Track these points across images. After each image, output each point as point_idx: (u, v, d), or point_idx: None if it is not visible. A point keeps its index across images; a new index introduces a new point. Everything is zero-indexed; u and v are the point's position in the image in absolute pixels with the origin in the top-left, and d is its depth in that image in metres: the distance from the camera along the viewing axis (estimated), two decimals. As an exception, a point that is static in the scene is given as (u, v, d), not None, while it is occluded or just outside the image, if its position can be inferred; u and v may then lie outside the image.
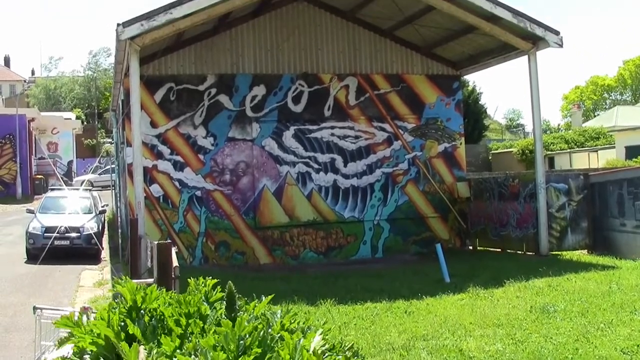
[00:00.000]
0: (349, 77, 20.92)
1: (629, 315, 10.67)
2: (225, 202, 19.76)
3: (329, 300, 12.51)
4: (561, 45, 18.36)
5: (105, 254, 21.15)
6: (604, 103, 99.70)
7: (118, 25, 15.47)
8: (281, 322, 3.89)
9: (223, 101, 19.86)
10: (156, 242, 10.07)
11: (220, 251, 19.67)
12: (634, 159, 37.91)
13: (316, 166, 20.54)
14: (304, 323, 4.04)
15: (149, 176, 19.01)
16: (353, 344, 3.96)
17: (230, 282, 4.59)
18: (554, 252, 18.57)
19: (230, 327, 3.35)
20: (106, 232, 24.91)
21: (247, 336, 3.40)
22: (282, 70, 20.40)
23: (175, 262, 9.18)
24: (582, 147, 48.02)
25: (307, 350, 3.19)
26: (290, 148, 20.34)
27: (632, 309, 11.09)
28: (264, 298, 4.31)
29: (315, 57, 20.74)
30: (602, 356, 8.42)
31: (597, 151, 45.03)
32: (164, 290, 4.39)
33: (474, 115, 46.32)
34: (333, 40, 20.94)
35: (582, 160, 44.29)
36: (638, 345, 8.81)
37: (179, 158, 19.49)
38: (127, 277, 4.44)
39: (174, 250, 9.63)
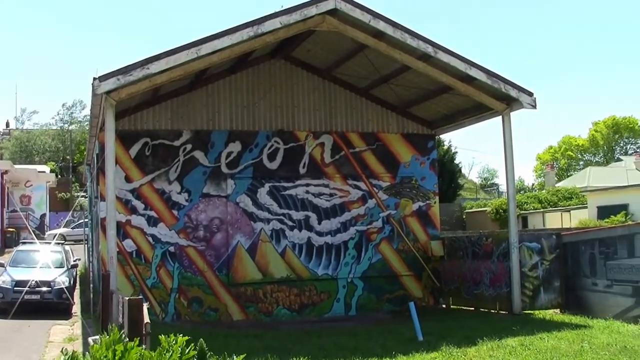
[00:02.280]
0: (325, 135, 21.07)
1: (601, 375, 10.68)
2: (198, 258, 19.67)
3: (301, 358, 12.41)
4: (534, 106, 18.64)
5: (76, 308, 20.88)
6: (576, 164, 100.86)
7: (94, 79, 15.49)
8: (253, 381, 3.89)
9: (198, 157, 19.91)
10: (127, 298, 9.98)
11: (193, 307, 19.52)
12: (605, 219, 38.25)
13: (290, 223, 20.55)
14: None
15: (122, 231, 18.92)
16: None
17: (201, 340, 4.58)
18: (526, 311, 18.60)
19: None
20: (78, 286, 24.62)
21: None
22: (258, 127, 20.52)
23: (146, 318, 9.10)
24: (555, 206, 48.45)
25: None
26: (264, 205, 20.35)
27: (604, 369, 11.11)
28: (235, 358, 4.31)
29: (291, 115, 20.90)
30: (575, 417, 8.41)
31: (569, 211, 45.44)
32: (137, 346, 4.38)
33: (448, 174, 46.71)
34: (309, 98, 21.14)
35: (555, 220, 44.66)
36: (610, 406, 8.81)
37: (152, 213, 19.43)
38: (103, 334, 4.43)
39: (145, 305, 9.55)
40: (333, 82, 21.43)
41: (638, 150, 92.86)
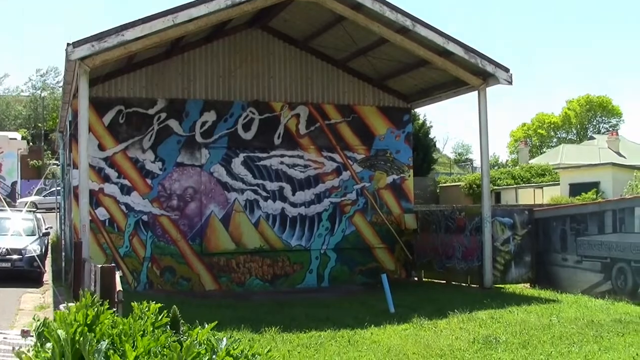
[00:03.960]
0: (300, 106, 21.02)
1: (567, 347, 10.87)
2: (172, 227, 19.62)
3: (273, 328, 12.46)
4: (510, 82, 18.71)
5: (47, 277, 20.80)
6: (549, 141, 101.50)
7: (68, 45, 15.31)
8: (226, 348, 3.89)
9: (173, 126, 19.78)
10: (100, 266, 9.96)
11: (166, 277, 19.49)
12: (577, 196, 38.59)
13: (264, 194, 20.53)
14: (248, 350, 4.05)
15: (95, 199, 18.81)
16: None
17: (174, 307, 4.58)
18: (497, 285, 18.78)
19: (178, 351, 3.34)
20: (49, 255, 24.51)
21: (192, 361, 3.40)
22: (234, 97, 20.42)
23: (118, 286, 9.09)
24: (528, 183, 48.78)
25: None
26: (239, 175, 20.30)
27: (571, 341, 11.31)
28: (207, 326, 4.30)
29: (267, 85, 20.80)
30: (542, 389, 8.54)
31: (542, 187, 45.79)
32: (110, 313, 4.37)
33: (423, 148, 46.81)
34: (285, 69, 21.04)
35: (527, 196, 44.98)
36: (576, 379, 8.96)
37: (126, 182, 19.33)
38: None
39: (117, 274, 9.54)
40: (310, 53, 21.34)
41: (611, 129, 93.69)
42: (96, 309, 4.14)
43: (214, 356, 3.66)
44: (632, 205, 16.32)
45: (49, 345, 3.68)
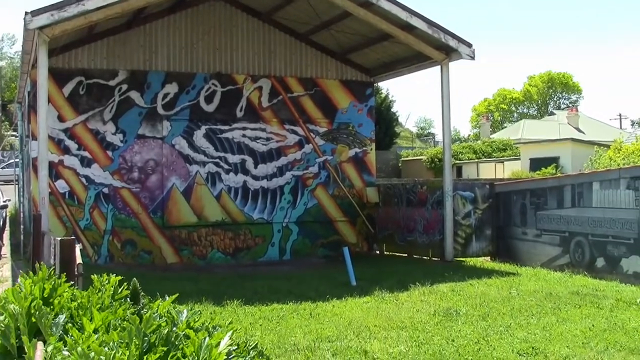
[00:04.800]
0: (263, 79, 20.92)
1: (526, 319, 11.03)
2: (133, 200, 19.48)
3: (235, 301, 12.47)
4: (473, 58, 18.78)
5: (6, 250, 20.57)
6: (511, 116, 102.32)
7: (26, 13, 15.04)
8: (187, 320, 3.88)
9: (134, 98, 19.58)
10: (59, 238, 9.86)
11: (127, 250, 19.38)
12: (537, 171, 39.02)
13: (226, 167, 20.45)
14: (209, 323, 4.04)
15: (55, 171, 18.59)
16: (257, 344, 3.97)
17: (134, 279, 4.55)
18: (458, 258, 18.95)
19: (137, 324, 3.32)
20: (7, 228, 24.23)
21: (152, 334, 3.38)
22: (196, 69, 20.25)
23: (79, 259, 9.00)
24: (490, 157, 49.21)
25: (216, 349, 3.18)
26: (200, 148, 20.19)
27: (530, 313, 11.47)
28: (168, 298, 4.29)
29: (229, 58, 20.65)
30: (500, 358, 8.67)
31: (503, 162, 46.23)
32: (68, 286, 4.32)
33: (385, 122, 46.88)
34: (248, 42, 20.90)
35: (488, 170, 45.39)
36: (533, 348, 9.12)
37: (86, 154, 19.12)
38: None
39: (77, 247, 9.44)
40: (273, 26, 21.20)
41: (571, 105, 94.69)
42: (53, 282, 4.10)
43: (174, 328, 3.64)
44: (590, 180, 16.52)
45: (1, 318, 3.64)
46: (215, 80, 20.37)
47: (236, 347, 3.64)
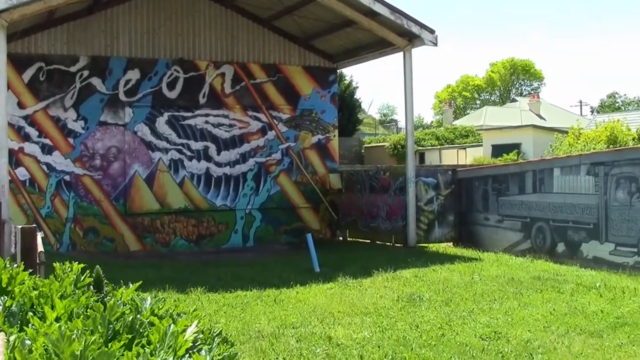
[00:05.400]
0: (226, 65, 20.81)
1: (488, 304, 11.14)
2: (95, 187, 19.31)
3: (199, 288, 12.44)
4: (435, 44, 18.84)
5: (-35, 237, 20.29)
6: (473, 103, 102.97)
7: (-16, -2, 14.83)
8: (151, 308, 3.86)
9: (95, 84, 19.38)
10: (20, 227, 9.74)
11: (89, 237, 19.23)
12: (499, 157, 39.35)
13: (189, 153, 20.35)
14: (173, 310, 4.02)
15: (15, 159, 18.36)
16: (222, 330, 3.97)
17: (97, 267, 4.51)
18: (421, 244, 19.06)
19: (101, 311, 3.29)
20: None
21: (116, 321, 3.36)
22: (158, 55, 20.09)
23: (40, 247, 8.90)
24: (452, 144, 49.50)
25: (182, 336, 3.17)
26: (163, 134, 20.05)
27: (492, 298, 11.58)
28: (132, 285, 4.26)
29: (192, 43, 20.51)
30: (463, 342, 8.75)
31: (465, 148, 46.52)
32: (29, 274, 4.28)
33: (348, 108, 46.89)
34: (210, 27, 20.76)
35: (451, 157, 45.67)
36: (495, 332, 9.22)
37: (47, 141, 18.90)
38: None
39: (39, 234, 9.34)
40: (235, 11, 21.08)
41: (532, 91, 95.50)
42: (11, 270, 4.05)
43: (138, 316, 3.62)
44: (551, 166, 16.70)
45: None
46: (178, 67, 20.23)
47: (201, 334, 3.63)
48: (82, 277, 4.35)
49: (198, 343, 3.42)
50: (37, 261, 8.54)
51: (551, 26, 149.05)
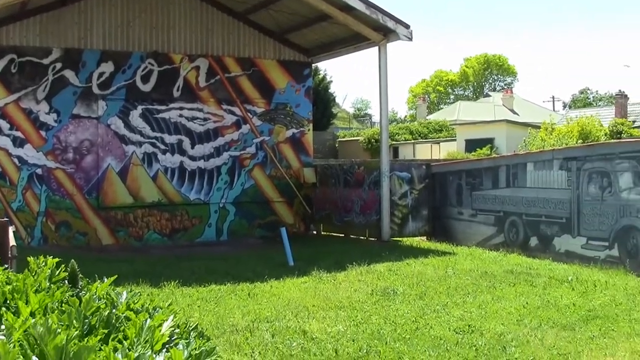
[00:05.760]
0: (200, 59, 20.72)
1: (462, 298, 11.20)
2: (67, 180, 19.16)
3: (172, 282, 12.40)
4: (411, 39, 18.88)
5: None
6: (447, 97, 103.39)
7: (-46, -12, 14.65)
8: (127, 302, 3.85)
9: (68, 76, 19.20)
10: (-8, 220, 9.65)
11: (61, 231, 19.08)
12: (472, 152, 39.56)
13: (163, 147, 20.24)
14: (149, 304, 4.01)
15: (-15, 151, 18.19)
16: (197, 325, 3.96)
17: (72, 261, 4.48)
18: (395, 238, 19.13)
19: (77, 306, 3.27)
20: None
21: (92, 316, 3.34)
22: (132, 48, 19.95)
23: (12, 241, 8.84)
24: (426, 138, 49.68)
25: (159, 330, 3.16)
26: (137, 128, 19.93)
27: (466, 292, 11.65)
28: (106, 279, 4.24)
29: (166, 36, 20.39)
30: (437, 336, 8.79)
31: (439, 143, 46.73)
32: (2, 269, 4.25)
33: (323, 102, 46.94)
34: (185, 20, 20.64)
35: (425, 151, 45.86)
36: (469, 326, 9.28)
37: (19, 134, 18.72)
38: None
39: (11, 228, 9.27)
40: (211, 4, 20.97)
41: (506, 87, 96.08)
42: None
43: (114, 310, 3.61)
44: (524, 161, 16.82)
45: None
46: (152, 60, 20.11)
47: (177, 328, 3.62)
48: (57, 272, 4.32)
49: (175, 337, 3.41)
50: (9, 255, 8.47)
51: (525, 22, 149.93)
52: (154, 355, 2.94)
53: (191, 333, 3.71)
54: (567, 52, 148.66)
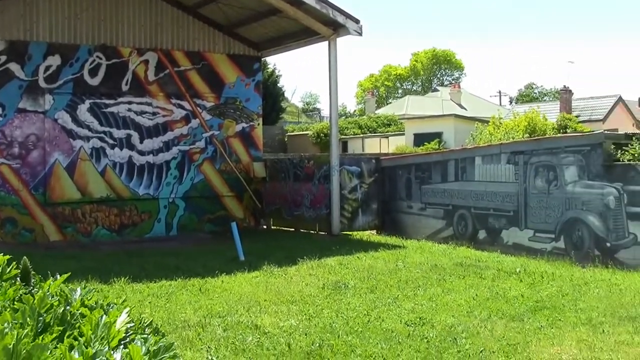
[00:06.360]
0: (149, 52, 20.53)
1: (412, 290, 11.31)
2: (12, 176, 18.84)
3: (122, 279, 12.29)
4: (360, 34, 18.96)
5: None
6: (396, 92, 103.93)
7: None
8: (81, 299, 3.81)
9: (14, 70, 18.85)
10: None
11: (7, 228, 18.75)
12: (421, 146, 39.83)
13: (111, 142, 20.02)
14: (103, 300, 3.98)
15: None
16: (152, 321, 3.95)
17: (25, 258, 4.43)
18: (345, 232, 19.22)
19: (31, 304, 3.24)
20: None
21: (46, 313, 3.31)
22: (80, 41, 19.67)
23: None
24: (375, 132, 49.87)
25: (114, 326, 3.14)
26: (84, 122, 19.67)
27: (416, 285, 11.78)
28: (59, 277, 4.20)
29: (115, 30, 20.14)
30: (389, 329, 8.87)
31: (388, 137, 46.93)
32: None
33: (272, 97, 46.77)
34: (134, 14, 20.43)
35: (374, 145, 46.02)
36: (420, 318, 9.38)
37: (-37, 128, 18.36)
38: None
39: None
40: (159, -2, 20.83)
41: (454, 81, 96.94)
42: None
43: (68, 307, 3.57)
44: (473, 155, 17.01)
45: None
46: (100, 53, 19.85)
47: (132, 324, 3.60)
48: (9, 269, 4.26)
49: (130, 333, 3.39)
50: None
51: (472, 17, 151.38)
52: (112, 352, 2.93)
53: (146, 329, 3.70)
54: (513, 47, 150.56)
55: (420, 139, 42.68)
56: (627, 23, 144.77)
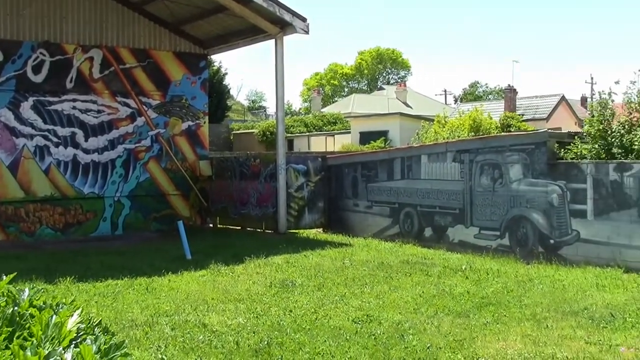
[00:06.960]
0: (94, 49, 20.30)
1: (359, 288, 11.40)
2: (-47, 174, 18.49)
3: (68, 278, 12.16)
4: (307, 32, 19.02)
5: None
6: (341, 90, 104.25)
7: None
8: (29, 299, 3.80)
9: (-46, 66, 18.52)
10: None
11: (-53, 226, 18.41)
12: (367, 144, 40.07)
13: (55, 140, 19.75)
14: (52, 300, 3.96)
15: None
16: (101, 320, 3.94)
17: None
18: (292, 230, 19.26)
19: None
20: None
21: (-6, 314, 3.29)
22: (23, 37, 19.34)
23: None
24: (320, 131, 50.00)
25: (65, 326, 3.14)
26: (28, 120, 19.37)
27: (363, 282, 11.86)
28: (4, 277, 4.16)
29: (58, 26, 19.86)
30: (336, 326, 8.92)
31: (334, 135, 47.10)
32: None
33: (217, 95, 46.60)
34: (79, 10, 20.16)
35: (319, 144, 46.14)
36: (367, 315, 9.46)
37: None
38: None
39: None
40: (104, -6, 20.60)
41: (399, 80, 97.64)
42: None
43: (16, 308, 3.55)
44: (419, 154, 17.17)
45: None
46: (44, 50, 19.57)
47: (82, 324, 3.60)
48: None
49: (81, 333, 3.39)
50: None
51: (417, 16, 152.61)
52: (63, 352, 2.93)
53: (95, 329, 3.70)
54: (458, 46, 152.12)
55: (366, 137, 42.94)
56: (571, 24, 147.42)
